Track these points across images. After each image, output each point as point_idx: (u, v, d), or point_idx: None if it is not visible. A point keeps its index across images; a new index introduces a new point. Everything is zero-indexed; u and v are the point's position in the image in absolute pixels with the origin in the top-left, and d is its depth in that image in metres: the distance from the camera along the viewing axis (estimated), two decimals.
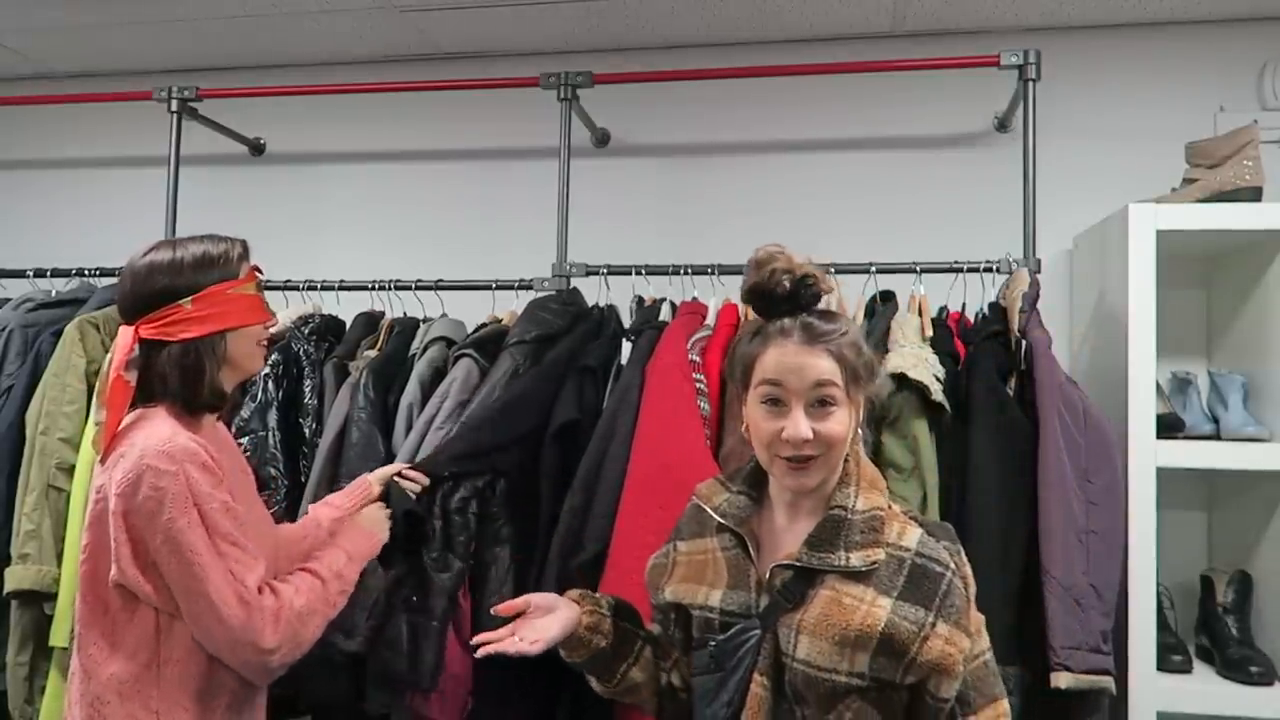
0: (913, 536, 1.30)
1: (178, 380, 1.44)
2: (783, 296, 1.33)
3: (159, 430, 1.40)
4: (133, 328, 1.44)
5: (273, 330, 1.60)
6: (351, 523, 1.71)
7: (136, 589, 1.38)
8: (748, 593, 1.34)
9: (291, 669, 1.50)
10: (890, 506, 1.35)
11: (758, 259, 1.35)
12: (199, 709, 1.41)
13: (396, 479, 1.82)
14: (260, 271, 1.58)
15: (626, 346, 2.13)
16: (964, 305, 2.23)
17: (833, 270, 2.21)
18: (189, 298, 1.44)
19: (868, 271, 2.21)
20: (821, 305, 1.36)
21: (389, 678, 1.78)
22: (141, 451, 1.36)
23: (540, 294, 2.29)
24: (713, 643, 1.33)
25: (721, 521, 1.39)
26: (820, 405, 1.30)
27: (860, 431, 1.38)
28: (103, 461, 1.42)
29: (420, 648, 1.78)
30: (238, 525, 1.41)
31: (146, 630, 1.39)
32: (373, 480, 1.81)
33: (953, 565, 1.29)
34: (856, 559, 1.28)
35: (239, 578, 1.38)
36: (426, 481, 1.84)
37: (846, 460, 1.34)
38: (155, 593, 1.38)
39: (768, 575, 1.33)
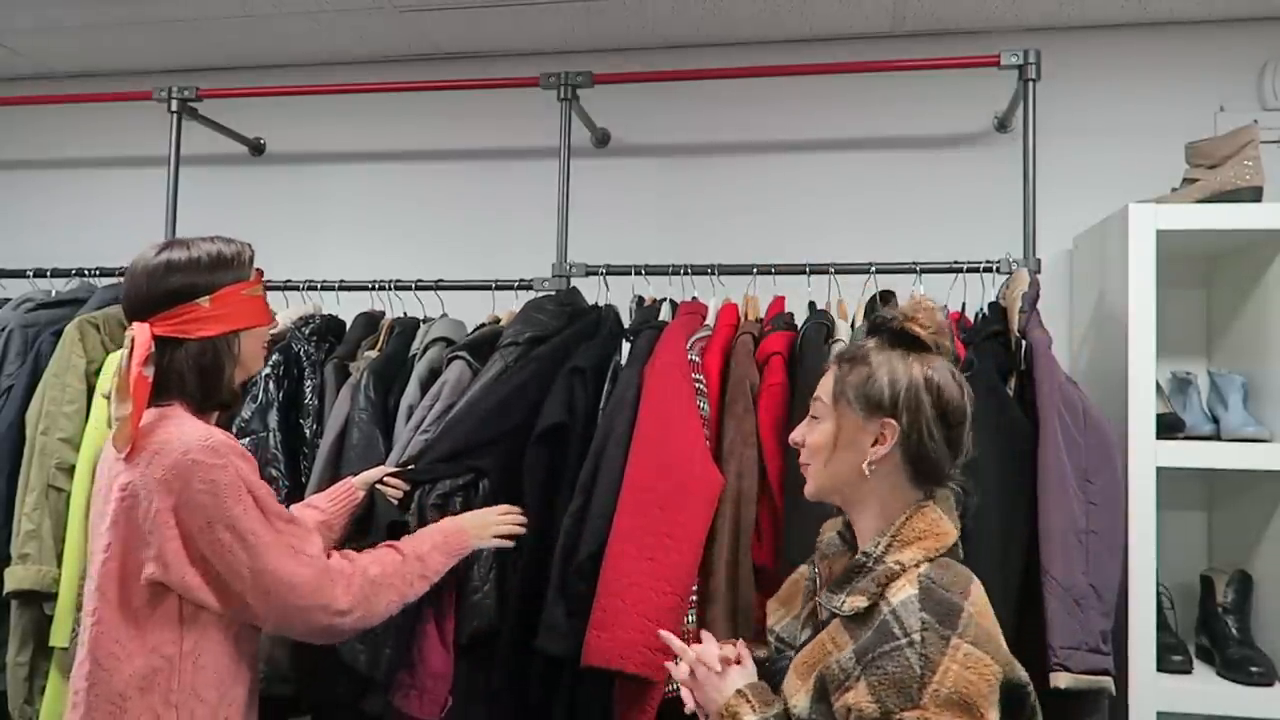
0: (902, 594, 1.21)
1: (195, 378, 1.46)
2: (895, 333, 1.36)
3: (193, 427, 1.42)
4: (147, 325, 1.44)
5: (273, 331, 1.61)
6: (457, 518, 1.72)
7: (178, 583, 1.39)
8: (797, 624, 1.39)
9: (292, 669, 1.51)
10: (917, 565, 1.25)
11: (914, 305, 1.37)
12: (217, 701, 1.43)
13: (379, 486, 1.81)
14: (263, 273, 1.60)
15: (626, 346, 2.13)
16: (964, 305, 2.23)
17: (833, 270, 2.23)
18: (207, 296, 1.46)
19: (868, 271, 2.21)
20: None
21: (350, 671, 1.76)
22: (184, 448, 1.38)
23: (540, 294, 2.29)
24: (766, 664, 1.40)
25: (823, 554, 1.43)
26: (813, 414, 1.37)
27: (869, 469, 1.30)
28: (128, 458, 1.42)
29: (379, 643, 1.74)
30: (280, 508, 1.46)
31: (170, 626, 1.40)
32: (357, 484, 1.81)
33: (915, 638, 1.16)
34: (849, 605, 1.26)
35: (300, 549, 1.43)
36: (407, 488, 1.84)
37: (902, 512, 1.30)
38: (202, 585, 1.39)
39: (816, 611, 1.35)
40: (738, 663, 1.39)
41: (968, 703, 1.12)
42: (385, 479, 1.83)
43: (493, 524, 1.75)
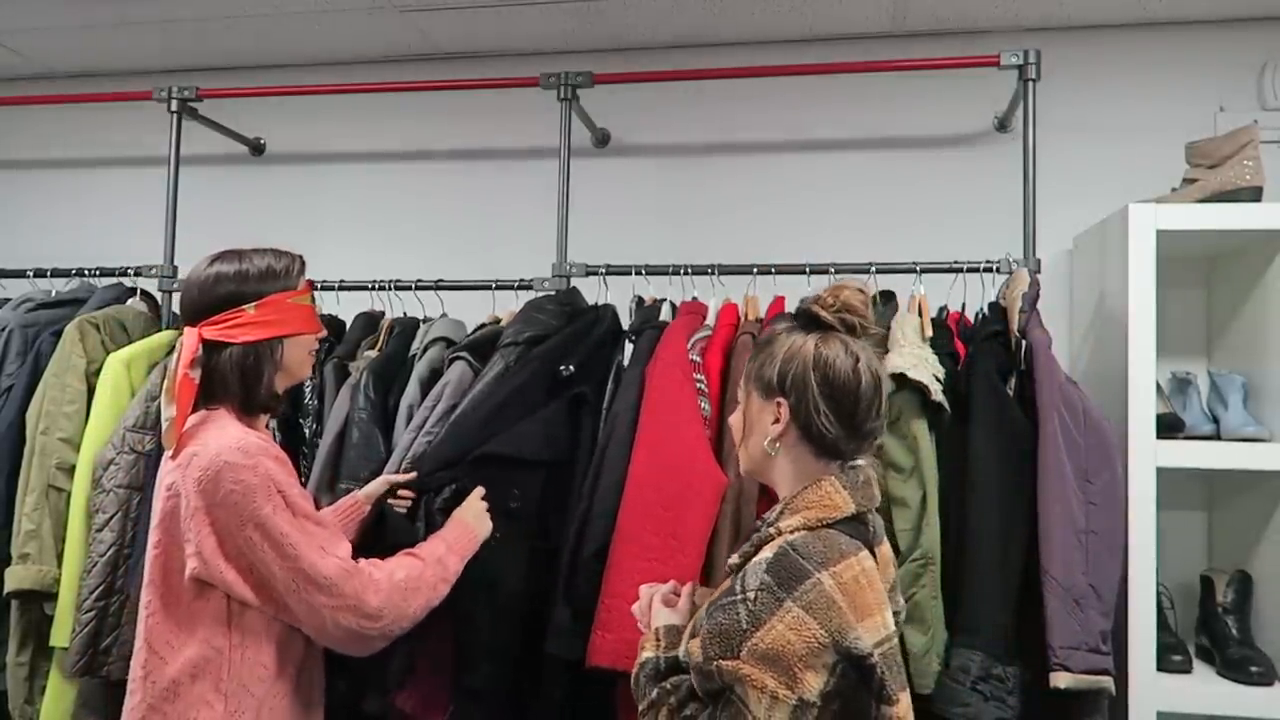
0: (764, 555, 1.26)
1: (237, 381, 1.52)
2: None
3: (229, 430, 1.47)
4: (196, 329, 1.51)
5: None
6: (453, 516, 1.73)
7: (218, 579, 1.43)
8: None
9: None
10: (793, 531, 1.28)
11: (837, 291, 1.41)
12: (264, 693, 1.47)
13: (390, 502, 1.82)
14: (314, 285, 1.65)
15: (628, 347, 2.13)
16: (964, 305, 2.23)
17: (833, 270, 2.23)
18: (253, 303, 1.52)
19: (868, 271, 2.21)
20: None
21: (358, 675, 1.77)
22: (217, 450, 1.43)
23: (540, 294, 2.29)
24: None
25: None
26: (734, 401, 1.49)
27: (772, 446, 1.35)
28: (174, 457, 1.48)
29: (391, 648, 1.76)
30: (311, 510, 1.50)
31: (218, 618, 1.45)
32: (362, 498, 1.81)
33: (750, 596, 1.21)
34: (730, 562, 1.35)
35: (331, 551, 1.46)
36: (413, 497, 1.84)
37: (815, 485, 1.33)
38: (239, 580, 1.44)
39: None
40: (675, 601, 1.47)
41: (781, 661, 1.17)
42: (394, 491, 1.82)
43: (483, 511, 1.76)
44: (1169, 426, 2.02)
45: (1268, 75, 2.48)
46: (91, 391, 2.22)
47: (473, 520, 1.73)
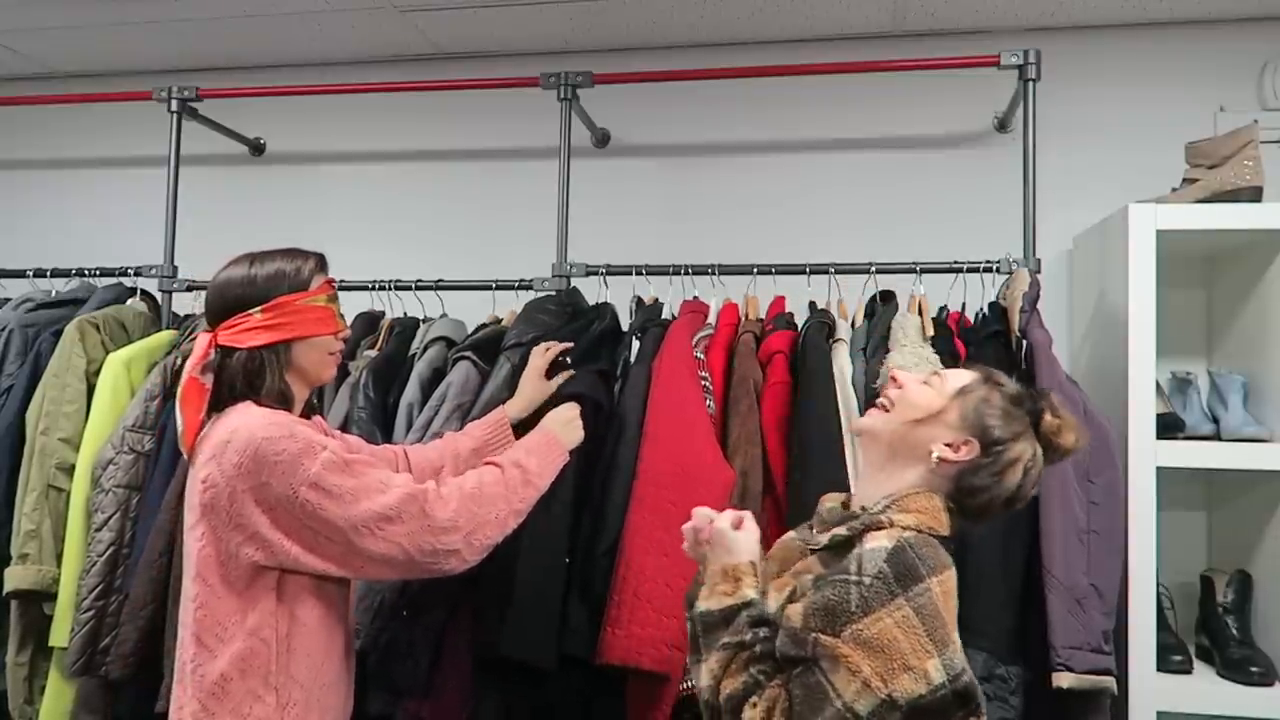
0: (875, 542, 1.25)
1: (244, 385, 1.51)
2: None
3: (254, 411, 1.47)
4: (212, 334, 1.52)
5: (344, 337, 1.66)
6: (540, 424, 1.72)
7: (284, 556, 1.42)
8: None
9: None
10: (905, 528, 1.29)
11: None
12: (310, 683, 1.48)
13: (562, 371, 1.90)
14: (335, 284, 1.63)
15: (633, 344, 2.13)
16: (964, 305, 2.23)
17: (833, 270, 2.23)
18: (259, 307, 1.52)
19: (868, 271, 2.21)
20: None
21: (386, 681, 1.78)
22: (249, 432, 1.43)
23: (540, 294, 2.29)
24: None
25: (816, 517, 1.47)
26: (924, 383, 1.43)
27: (939, 487, 1.38)
28: (191, 460, 1.49)
29: (417, 655, 1.78)
30: (358, 456, 1.49)
31: (267, 611, 1.44)
32: (511, 415, 1.85)
33: (865, 581, 1.20)
34: (828, 537, 1.32)
35: (389, 484, 1.46)
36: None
37: (919, 492, 1.37)
38: (305, 552, 1.42)
39: None
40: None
41: (884, 653, 1.15)
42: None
43: (573, 420, 1.75)
44: (1169, 426, 2.02)
45: (1268, 75, 2.48)
46: (91, 391, 2.22)
47: (560, 428, 1.72)
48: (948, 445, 1.33)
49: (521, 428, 1.82)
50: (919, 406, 1.37)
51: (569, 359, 2.00)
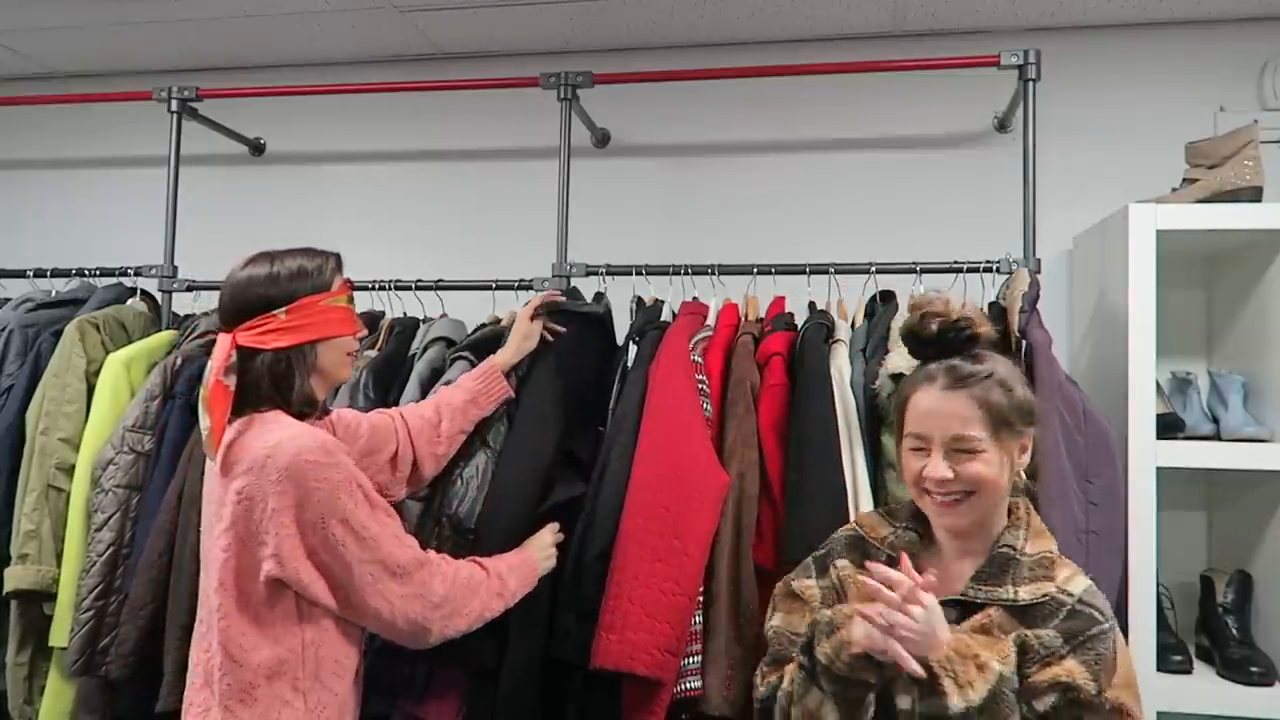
0: (1080, 584, 1.30)
1: (271, 387, 1.50)
2: (929, 340, 1.37)
3: (300, 430, 1.46)
4: (231, 335, 1.50)
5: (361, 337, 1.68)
6: (524, 544, 1.77)
7: (293, 579, 1.43)
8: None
9: None
10: (1059, 555, 1.35)
11: (914, 302, 1.40)
12: (335, 683, 1.49)
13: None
14: (352, 284, 1.62)
15: (631, 349, 2.13)
16: (964, 306, 2.22)
17: (833, 270, 2.23)
18: (283, 308, 1.50)
19: (868, 271, 2.21)
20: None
21: (383, 684, 1.78)
22: (297, 450, 1.42)
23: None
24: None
25: (890, 555, 1.40)
26: (961, 449, 1.33)
27: (1021, 476, 1.40)
28: (222, 469, 1.47)
29: (413, 658, 1.77)
30: (382, 502, 1.52)
31: (291, 619, 1.46)
32: (500, 366, 1.93)
33: (1113, 624, 1.27)
34: (1025, 593, 1.29)
35: (404, 541, 1.51)
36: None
37: (1017, 506, 1.38)
38: (316, 579, 1.44)
39: None
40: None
41: (1133, 688, 1.25)
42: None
43: (551, 552, 1.79)
44: (1169, 426, 2.02)
45: (1268, 75, 2.48)
46: (91, 391, 2.22)
47: (539, 554, 1.75)
48: (1020, 456, 1.36)
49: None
50: (992, 478, 1.32)
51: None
